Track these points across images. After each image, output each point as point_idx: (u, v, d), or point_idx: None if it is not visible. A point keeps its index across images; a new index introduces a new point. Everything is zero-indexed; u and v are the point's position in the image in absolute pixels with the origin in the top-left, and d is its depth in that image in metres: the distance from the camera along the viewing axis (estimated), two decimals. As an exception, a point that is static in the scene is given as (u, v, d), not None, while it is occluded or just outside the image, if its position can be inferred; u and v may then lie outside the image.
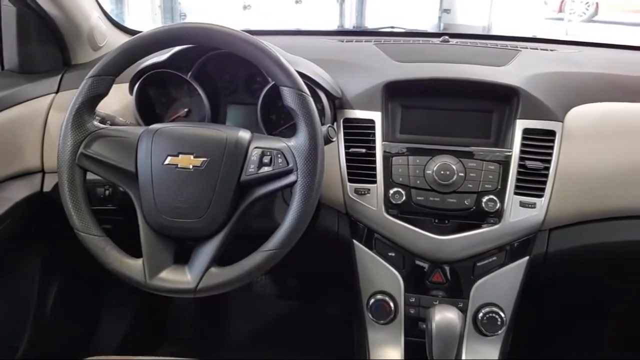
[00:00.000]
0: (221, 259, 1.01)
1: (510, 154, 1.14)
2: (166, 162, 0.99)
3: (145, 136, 1.02)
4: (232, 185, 0.98)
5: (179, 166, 0.99)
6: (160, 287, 1.00)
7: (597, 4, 10.06)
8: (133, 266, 1.01)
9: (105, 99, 1.03)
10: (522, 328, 1.26)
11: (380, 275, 1.22)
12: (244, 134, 1.01)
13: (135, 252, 1.02)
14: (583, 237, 1.19)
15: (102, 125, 1.05)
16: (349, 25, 7.67)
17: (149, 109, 1.31)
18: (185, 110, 1.32)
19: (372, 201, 1.17)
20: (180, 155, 0.99)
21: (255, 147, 1.00)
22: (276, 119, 1.28)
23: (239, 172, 0.98)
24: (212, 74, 1.30)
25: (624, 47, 1.63)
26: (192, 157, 0.99)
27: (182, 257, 1.03)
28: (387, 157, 1.17)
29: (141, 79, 1.25)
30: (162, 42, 1.01)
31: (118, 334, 1.83)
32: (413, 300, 1.21)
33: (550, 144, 1.15)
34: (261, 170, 0.98)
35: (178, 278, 1.00)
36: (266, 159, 0.98)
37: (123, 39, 1.03)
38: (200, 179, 0.99)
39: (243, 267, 0.99)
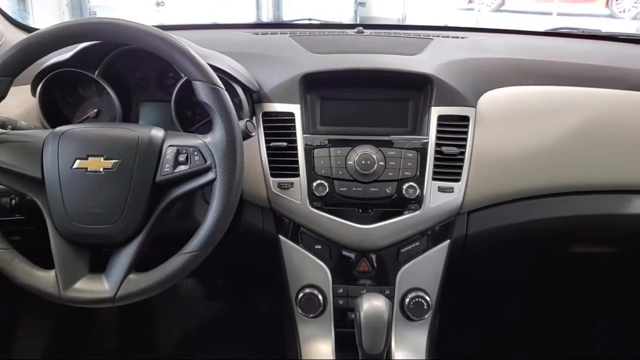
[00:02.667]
0: (141, 264, 0.97)
1: (427, 140, 1.16)
2: (75, 166, 0.95)
3: (51, 140, 0.96)
4: (147, 186, 0.95)
5: (88, 170, 0.95)
6: (76, 298, 0.95)
7: (504, -7, 10.54)
8: (44, 278, 0.95)
9: (4, 102, 0.97)
10: (447, 311, 1.29)
11: (307, 269, 1.21)
12: (157, 132, 0.98)
13: (49, 264, 0.97)
14: (500, 218, 1.23)
15: (2, 130, 0.99)
16: (266, 18, 7.62)
17: (55, 111, 1.24)
18: (95, 110, 1.26)
19: (296, 195, 1.16)
20: (89, 158, 0.95)
21: (170, 146, 0.97)
22: (192, 116, 1.24)
23: (153, 172, 0.95)
24: (121, 71, 1.24)
25: (530, 32, 1.70)
26: (102, 159, 0.95)
27: (99, 265, 0.99)
28: (308, 150, 1.16)
29: (44, 79, 1.18)
30: (64, 39, 0.96)
31: (37, 348, 1.73)
32: (341, 291, 1.21)
33: (465, 130, 1.18)
34: (177, 170, 0.95)
35: (95, 287, 0.96)
36: (182, 157, 0.95)
37: (23, 37, 0.96)
38: (112, 182, 0.95)
39: (164, 272, 0.96)
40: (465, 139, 1.17)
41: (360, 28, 1.49)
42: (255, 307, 1.91)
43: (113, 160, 0.95)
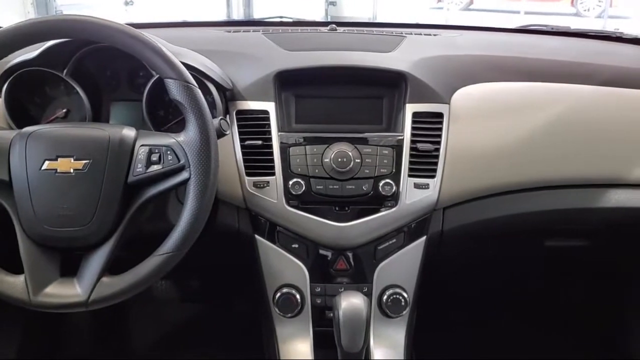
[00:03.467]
0: (114, 266, 0.95)
1: (402, 137, 1.16)
2: (44, 167, 0.92)
3: (18, 140, 0.94)
4: (119, 187, 0.93)
5: (58, 171, 0.92)
6: (47, 303, 0.93)
7: (472, -7, 10.70)
8: (13, 283, 0.93)
9: None
10: (424, 307, 1.30)
11: (285, 268, 1.21)
12: (129, 132, 0.96)
13: (19, 268, 0.94)
14: (475, 214, 1.24)
15: None
16: (236, 16, 7.58)
17: (22, 111, 1.20)
18: (64, 110, 1.22)
19: (272, 193, 1.15)
20: (59, 159, 0.93)
21: (142, 145, 0.95)
22: (164, 115, 1.22)
23: (125, 172, 0.93)
24: (90, 70, 1.22)
25: (501, 29, 1.72)
26: (72, 160, 0.92)
27: (70, 269, 0.97)
28: (284, 148, 1.15)
29: (10, 78, 1.14)
30: (30, 37, 0.93)
31: (9, 353, 1.68)
32: (319, 290, 1.20)
33: (439, 126, 1.18)
34: (150, 169, 0.94)
35: (66, 292, 0.93)
36: (155, 157, 0.94)
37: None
38: (83, 183, 0.92)
39: (138, 274, 0.94)
40: (439, 136, 1.17)
41: (334, 25, 1.49)
42: (233, 307, 1.89)
43: (84, 161, 0.92)
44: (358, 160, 1.14)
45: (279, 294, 1.20)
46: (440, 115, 1.19)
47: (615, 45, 1.59)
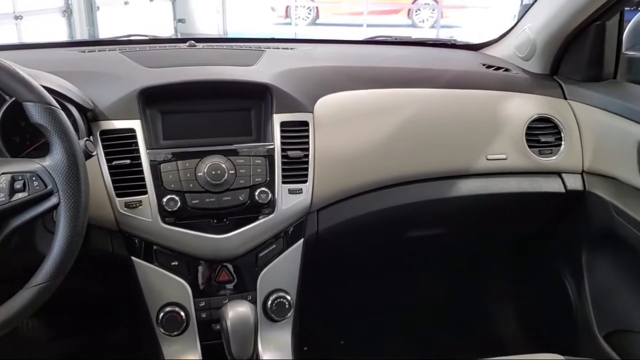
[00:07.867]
0: None
1: (272, 147, 1.20)
2: None
3: None
4: None
5: None
6: None
7: (317, 8, 11.13)
8: None
9: None
10: (308, 307, 1.34)
11: (166, 287, 1.19)
12: None
13: None
14: (346, 212, 1.31)
15: None
16: (80, 36, 7.17)
17: None
18: None
19: (146, 212, 1.13)
20: None
21: (3, 173, 0.89)
22: (20, 141, 1.14)
23: None
24: None
25: (352, 42, 1.84)
26: None
27: None
28: (154, 165, 1.14)
29: None
30: None
31: None
32: (203, 304, 1.20)
33: (306, 134, 1.24)
34: (14, 198, 0.88)
35: None
36: (18, 185, 0.88)
37: None
38: None
39: (9, 310, 0.87)
40: (307, 143, 1.23)
41: (192, 42, 1.49)
42: (114, 335, 1.79)
43: None
44: (232, 172, 1.16)
45: (162, 314, 1.18)
46: (305, 123, 1.25)
47: (451, 51, 1.78)
